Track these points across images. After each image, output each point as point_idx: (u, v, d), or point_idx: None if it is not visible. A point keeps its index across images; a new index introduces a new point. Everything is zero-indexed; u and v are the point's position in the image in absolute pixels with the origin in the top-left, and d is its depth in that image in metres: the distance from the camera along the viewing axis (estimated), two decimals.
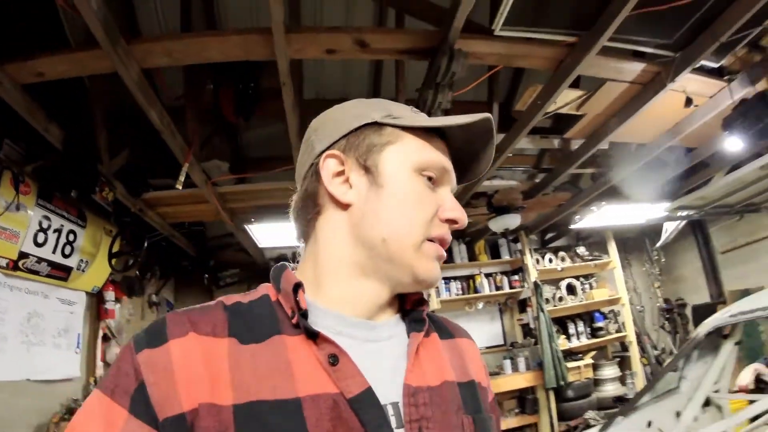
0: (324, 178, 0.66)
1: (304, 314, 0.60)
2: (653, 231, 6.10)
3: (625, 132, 3.20)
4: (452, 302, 5.41)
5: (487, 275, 5.60)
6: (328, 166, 0.66)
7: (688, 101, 2.80)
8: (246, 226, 3.76)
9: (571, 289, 5.54)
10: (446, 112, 2.38)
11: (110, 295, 3.39)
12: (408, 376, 0.62)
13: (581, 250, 5.67)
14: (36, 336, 2.65)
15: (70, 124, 2.52)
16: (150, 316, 4.23)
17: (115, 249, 3.28)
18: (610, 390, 5.09)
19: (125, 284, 3.59)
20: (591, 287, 5.71)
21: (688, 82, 2.73)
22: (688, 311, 6.43)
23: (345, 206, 0.66)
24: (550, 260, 5.39)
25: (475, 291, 5.47)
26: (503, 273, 5.68)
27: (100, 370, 3.22)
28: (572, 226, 4.92)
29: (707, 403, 2.63)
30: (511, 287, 5.50)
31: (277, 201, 3.61)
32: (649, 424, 2.61)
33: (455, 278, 5.50)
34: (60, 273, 2.83)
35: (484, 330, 5.75)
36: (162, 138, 2.52)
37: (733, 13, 2.15)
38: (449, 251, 5.13)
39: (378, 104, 0.72)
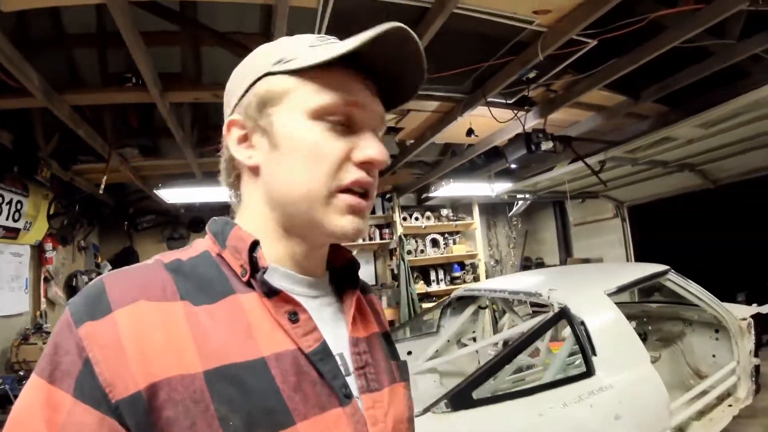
0: (230, 147, 0.67)
1: (262, 272, 0.61)
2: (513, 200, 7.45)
3: (452, 135, 4.48)
4: None
5: None
6: (232, 135, 0.67)
7: (469, 132, 4.07)
8: (155, 190, 4.87)
9: (435, 243, 7.00)
10: None
11: (49, 245, 4.40)
12: (351, 328, 0.69)
13: (445, 211, 7.11)
14: None
15: (15, 127, 3.54)
16: (80, 259, 5.29)
17: (52, 211, 4.35)
18: None
19: (59, 236, 4.61)
20: (455, 242, 7.15)
21: (493, 110, 3.75)
22: None
23: (255, 170, 0.66)
24: (417, 218, 6.79)
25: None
26: (377, 226, 6.84)
27: (43, 305, 4.32)
28: (430, 194, 6.27)
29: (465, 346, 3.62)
30: (381, 238, 6.76)
31: (177, 171, 4.75)
32: (409, 353, 3.60)
33: None
34: (11, 234, 3.84)
35: (360, 271, 6.96)
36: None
37: (500, 77, 3.23)
38: None
39: (274, 48, 0.67)
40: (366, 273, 7.16)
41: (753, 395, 3.30)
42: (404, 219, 6.74)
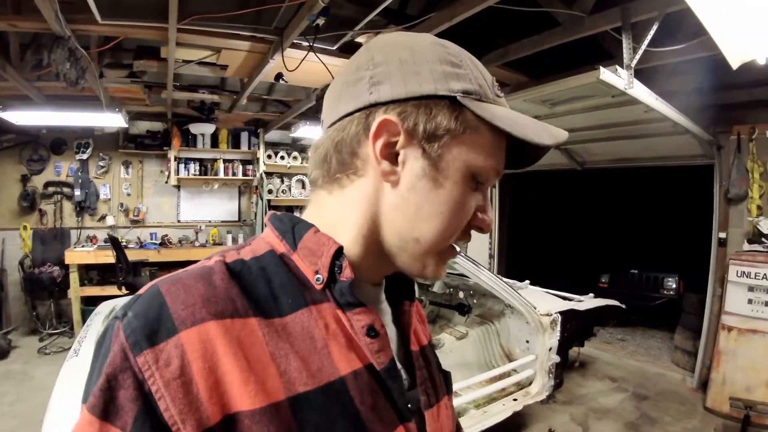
0: (377, 146, 0.60)
1: (348, 283, 0.61)
2: None
3: (300, 79, 4.73)
4: (190, 180, 7.08)
5: (227, 161, 7.21)
6: (381, 138, 0.60)
7: (278, 76, 4.29)
8: None
9: (303, 184, 7.69)
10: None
11: None
12: (412, 342, 0.73)
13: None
14: None
15: None
16: None
17: None
18: None
19: None
20: None
21: (327, 58, 3.91)
22: None
23: (384, 188, 0.63)
24: (283, 157, 7.40)
25: (215, 174, 7.08)
26: (241, 162, 7.27)
27: None
28: (292, 134, 6.71)
29: None
30: (244, 174, 7.28)
31: (20, 92, 5.02)
32: None
33: (195, 160, 7.03)
34: None
35: (222, 207, 7.62)
36: None
37: (295, 21, 3.21)
38: (194, 137, 6.88)
39: (460, 66, 0.62)
40: (230, 209, 7.71)
41: (550, 391, 3.64)
42: (269, 157, 7.32)
